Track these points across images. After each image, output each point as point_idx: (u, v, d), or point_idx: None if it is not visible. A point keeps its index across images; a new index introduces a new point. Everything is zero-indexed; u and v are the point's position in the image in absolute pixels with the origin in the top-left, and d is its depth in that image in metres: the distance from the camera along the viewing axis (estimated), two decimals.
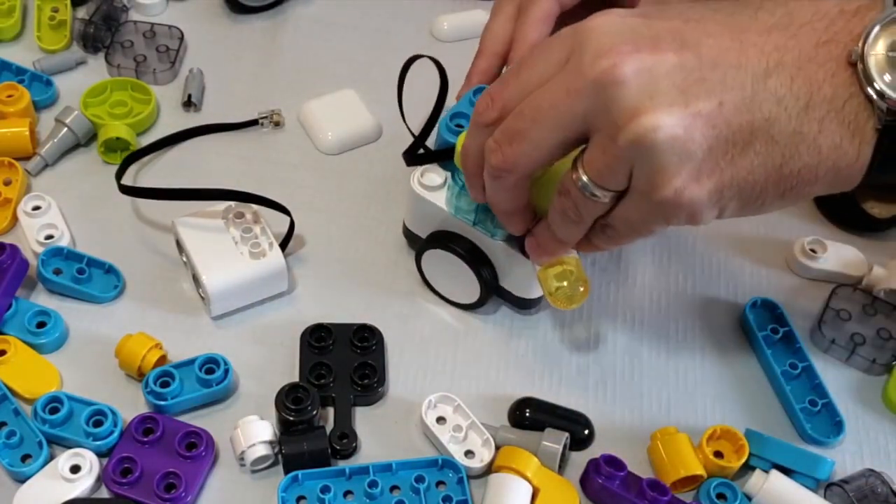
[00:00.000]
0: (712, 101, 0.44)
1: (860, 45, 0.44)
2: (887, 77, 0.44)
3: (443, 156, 0.62)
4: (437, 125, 0.64)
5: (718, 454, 0.57)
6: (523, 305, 0.63)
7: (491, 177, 0.51)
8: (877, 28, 0.44)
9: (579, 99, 0.46)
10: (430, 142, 0.65)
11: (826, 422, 0.60)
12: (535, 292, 0.62)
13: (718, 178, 0.45)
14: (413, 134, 0.65)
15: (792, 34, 0.45)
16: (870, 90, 0.44)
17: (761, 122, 0.45)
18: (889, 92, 0.44)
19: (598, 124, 0.46)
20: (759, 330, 0.63)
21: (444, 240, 0.61)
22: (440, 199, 0.60)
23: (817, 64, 0.44)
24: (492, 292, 0.62)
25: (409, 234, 0.65)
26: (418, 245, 0.63)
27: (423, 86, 0.67)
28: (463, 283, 0.62)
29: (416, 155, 0.63)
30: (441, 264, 0.62)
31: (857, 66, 0.44)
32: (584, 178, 0.47)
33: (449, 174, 0.61)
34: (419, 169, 0.61)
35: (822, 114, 0.45)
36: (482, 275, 0.60)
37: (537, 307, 0.64)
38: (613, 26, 0.46)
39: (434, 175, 0.61)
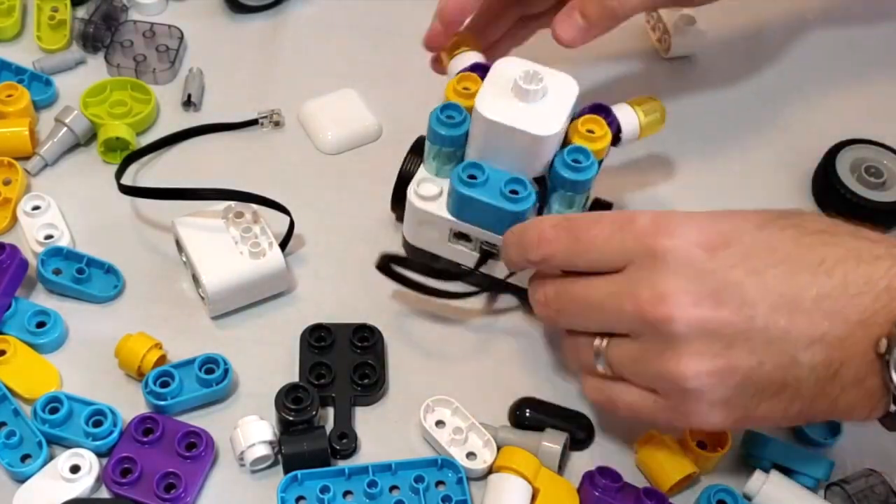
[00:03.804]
0: (752, 360, 0.48)
1: (889, 337, 0.46)
2: None
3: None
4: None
5: (702, 444, 0.57)
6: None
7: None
8: None
9: (626, 320, 0.50)
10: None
11: (824, 423, 0.60)
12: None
13: (741, 413, 0.50)
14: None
15: (841, 306, 0.47)
16: (888, 380, 0.47)
17: (792, 382, 0.48)
18: None
19: (640, 337, 0.50)
20: None
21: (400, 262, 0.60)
22: (441, 209, 0.60)
23: (853, 342, 0.47)
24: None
25: (409, 248, 0.64)
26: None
27: (423, 84, 0.67)
28: None
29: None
30: None
31: (882, 356, 0.47)
32: (602, 360, 0.52)
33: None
34: (415, 180, 0.61)
35: (846, 383, 0.48)
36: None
37: None
38: (681, 265, 0.48)
39: (431, 185, 0.60)
